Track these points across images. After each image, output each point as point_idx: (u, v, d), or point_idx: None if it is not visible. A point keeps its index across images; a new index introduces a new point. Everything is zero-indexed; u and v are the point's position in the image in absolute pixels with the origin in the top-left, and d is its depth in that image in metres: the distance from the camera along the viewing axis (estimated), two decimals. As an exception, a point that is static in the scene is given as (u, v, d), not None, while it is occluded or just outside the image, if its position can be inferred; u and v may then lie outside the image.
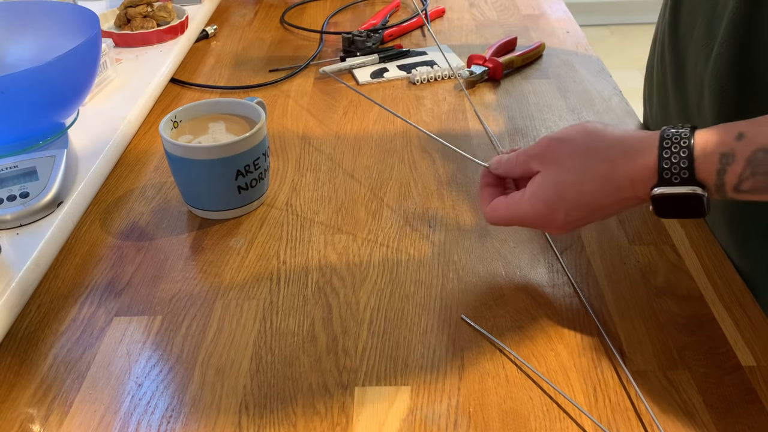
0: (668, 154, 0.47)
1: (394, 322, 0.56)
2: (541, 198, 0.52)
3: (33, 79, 0.66)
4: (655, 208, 0.49)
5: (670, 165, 0.47)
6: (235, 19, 1.17)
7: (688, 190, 0.47)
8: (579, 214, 0.52)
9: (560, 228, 0.53)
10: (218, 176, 0.65)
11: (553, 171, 0.52)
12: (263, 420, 0.48)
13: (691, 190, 0.47)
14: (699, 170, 0.46)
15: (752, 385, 0.50)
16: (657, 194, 0.48)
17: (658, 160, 0.47)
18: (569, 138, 0.52)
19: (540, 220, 0.53)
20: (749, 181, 0.45)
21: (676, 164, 0.47)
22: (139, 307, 0.58)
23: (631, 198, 0.50)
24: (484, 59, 0.93)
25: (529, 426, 0.47)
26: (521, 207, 0.53)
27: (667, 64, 0.73)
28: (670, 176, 0.47)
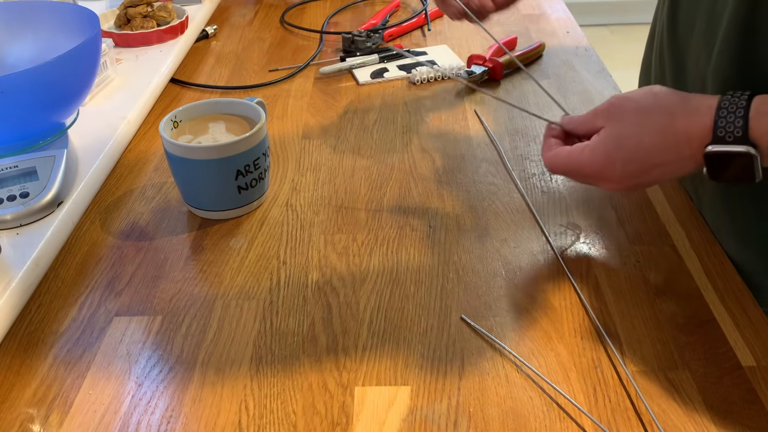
0: (724, 114, 0.48)
1: (394, 322, 0.56)
2: (601, 149, 0.54)
3: (33, 79, 0.66)
4: (708, 169, 0.50)
5: (725, 123, 0.48)
6: (235, 19, 1.17)
7: (740, 149, 0.48)
8: (636, 167, 0.53)
9: (617, 181, 0.54)
10: (218, 176, 0.65)
11: (616, 125, 0.53)
12: (263, 420, 0.48)
13: (744, 149, 0.48)
14: (752, 129, 0.47)
15: (752, 385, 0.50)
16: (709, 152, 0.49)
17: (715, 118, 0.48)
18: (634, 96, 0.54)
19: (597, 171, 0.54)
20: None
21: (730, 123, 0.48)
22: (139, 307, 0.58)
23: (689, 158, 0.51)
24: (484, 59, 0.93)
25: (529, 426, 0.47)
26: (582, 156, 0.55)
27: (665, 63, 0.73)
28: (724, 134, 0.48)
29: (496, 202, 0.69)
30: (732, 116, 0.48)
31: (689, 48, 0.67)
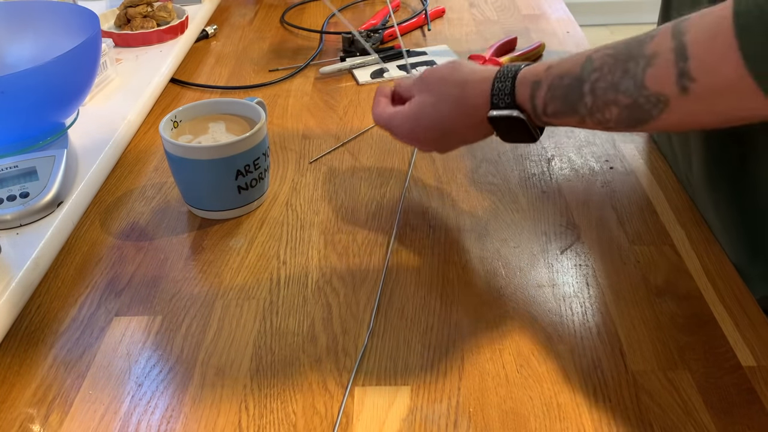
0: (498, 84, 0.56)
1: (394, 322, 0.56)
2: (407, 115, 0.61)
3: (33, 79, 0.66)
4: (496, 131, 0.58)
5: (498, 91, 0.56)
6: (235, 19, 1.17)
7: (510, 112, 0.55)
8: (436, 133, 0.60)
9: (424, 144, 0.63)
10: (218, 176, 0.65)
11: (422, 94, 0.61)
12: (263, 420, 0.48)
13: (513, 113, 0.55)
14: (518, 95, 0.55)
15: (752, 385, 0.50)
16: (490, 116, 0.56)
17: (491, 87, 0.56)
18: (439, 68, 0.61)
19: (407, 134, 0.62)
20: (551, 104, 0.53)
21: (502, 90, 0.55)
22: (139, 307, 0.58)
23: (479, 124, 0.58)
24: (484, 59, 0.93)
25: (529, 426, 0.47)
26: (396, 118, 0.62)
27: None
28: (498, 101, 0.56)
29: (496, 202, 0.69)
30: (503, 84, 0.55)
31: None
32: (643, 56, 0.46)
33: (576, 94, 0.51)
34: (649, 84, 0.46)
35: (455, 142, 0.63)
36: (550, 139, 0.79)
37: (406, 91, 0.64)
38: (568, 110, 0.52)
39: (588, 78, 0.50)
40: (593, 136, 0.80)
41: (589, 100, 0.50)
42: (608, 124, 0.50)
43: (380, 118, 0.64)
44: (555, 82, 0.52)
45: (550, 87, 0.53)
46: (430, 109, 0.60)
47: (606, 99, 0.49)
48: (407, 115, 0.61)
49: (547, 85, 0.53)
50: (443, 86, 0.59)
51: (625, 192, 0.70)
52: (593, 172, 0.73)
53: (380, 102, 0.65)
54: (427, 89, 0.60)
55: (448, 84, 0.59)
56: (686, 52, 0.44)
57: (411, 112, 0.61)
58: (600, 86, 0.49)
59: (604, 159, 0.75)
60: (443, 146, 0.64)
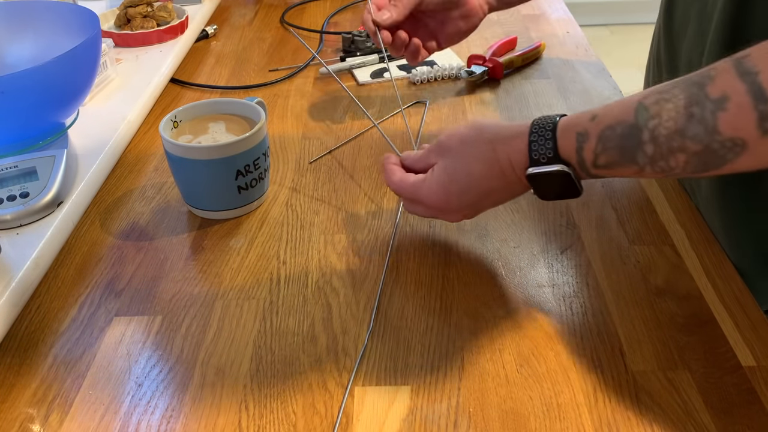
0: (536, 138, 0.52)
1: (394, 322, 0.56)
2: (436, 183, 0.57)
3: (33, 79, 0.66)
4: (534, 189, 0.55)
5: (538, 147, 0.52)
6: (235, 19, 1.17)
7: (555, 168, 0.52)
8: (471, 197, 0.56)
9: (456, 212, 0.58)
10: (218, 176, 0.65)
11: (446, 159, 0.57)
12: (263, 420, 0.48)
13: (558, 169, 0.52)
14: (561, 149, 0.52)
15: (752, 385, 0.50)
16: (529, 174, 0.53)
17: (528, 143, 0.53)
18: (459, 132, 0.58)
19: (436, 204, 0.58)
20: (603, 156, 0.50)
21: (542, 145, 0.52)
22: (139, 307, 0.58)
23: (516, 182, 0.55)
24: (484, 59, 0.93)
25: (529, 426, 0.47)
26: (422, 190, 0.58)
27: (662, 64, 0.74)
28: (539, 157, 0.52)
29: (496, 202, 0.69)
30: (542, 139, 0.52)
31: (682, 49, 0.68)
32: (709, 100, 0.44)
33: (633, 143, 0.48)
34: (724, 129, 0.43)
35: (488, 205, 0.58)
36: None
37: (420, 161, 0.60)
38: (624, 161, 0.49)
39: (646, 125, 0.47)
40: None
41: (650, 148, 0.47)
42: (673, 172, 0.47)
43: (402, 187, 0.59)
44: (606, 133, 0.49)
45: (600, 138, 0.49)
46: (460, 172, 0.56)
47: (671, 147, 0.46)
48: (436, 182, 0.57)
49: (596, 135, 0.50)
50: (470, 148, 0.56)
51: (625, 192, 0.70)
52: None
53: (394, 170, 0.61)
54: (451, 154, 0.57)
55: (475, 145, 0.56)
56: (765, 94, 0.41)
57: (439, 178, 0.57)
58: (662, 133, 0.46)
59: (604, 159, 0.75)
60: (475, 210, 0.59)
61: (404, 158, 0.62)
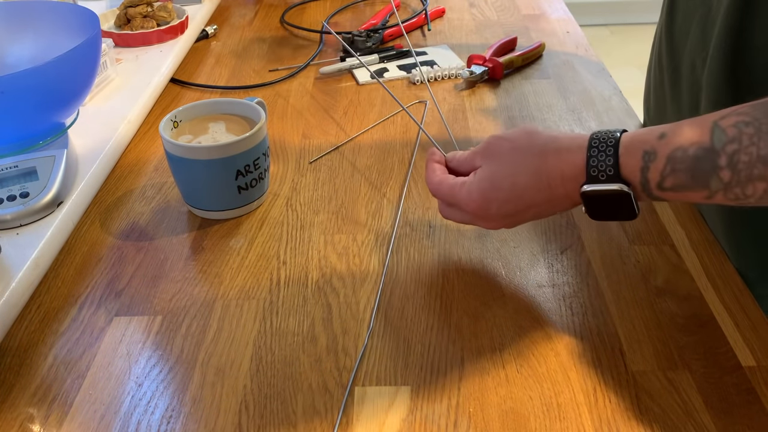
0: (595, 153, 0.49)
1: (394, 322, 0.56)
2: (477, 188, 0.54)
3: (33, 79, 0.66)
4: (587, 207, 0.51)
5: (597, 162, 0.49)
6: (235, 19, 1.17)
7: (614, 187, 0.48)
8: (511, 207, 0.53)
9: (493, 221, 0.55)
10: (218, 176, 0.65)
11: (492, 164, 0.54)
12: (263, 420, 0.48)
13: (618, 188, 0.48)
14: (624, 167, 0.48)
15: (752, 385, 0.50)
16: (585, 191, 0.50)
17: (587, 158, 0.49)
18: (509, 136, 0.55)
19: (474, 210, 0.55)
20: (670, 178, 0.46)
21: (602, 162, 0.48)
22: (139, 307, 0.58)
23: (563, 197, 0.52)
24: (484, 59, 0.93)
25: (529, 426, 0.47)
26: (461, 193, 0.55)
27: (664, 67, 0.74)
28: (597, 173, 0.49)
29: (496, 202, 0.69)
30: (603, 155, 0.49)
31: (684, 54, 0.68)
32: None
33: (708, 167, 0.45)
34: None
35: (528, 217, 0.55)
36: (550, 139, 0.79)
37: (465, 163, 0.57)
38: (695, 185, 0.46)
39: (723, 149, 0.44)
40: (593, 136, 0.80)
41: (726, 175, 0.44)
42: (747, 200, 0.45)
43: (441, 188, 0.57)
44: (677, 154, 0.46)
45: (669, 158, 0.46)
46: (504, 181, 0.53)
47: (751, 174, 0.43)
48: (477, 188, 0.54)
49: (665, 156, 0.46)
50: (518, 156, 0.53)
51: (625, 192, 0.70)
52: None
53: (436, 169, 0.59)
54: (497, 159, 0.54)
55: (524, 153, 0.53)
56: None
57: (481, 184, 0.54)
58: (742, 159, 0.43)
59: (604, 159, 0.75)
60: (515, 222, 0.56)
61: (450, 159, 0.60)
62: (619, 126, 0.82)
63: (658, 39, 0.76)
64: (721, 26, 0.59)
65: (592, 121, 0.83)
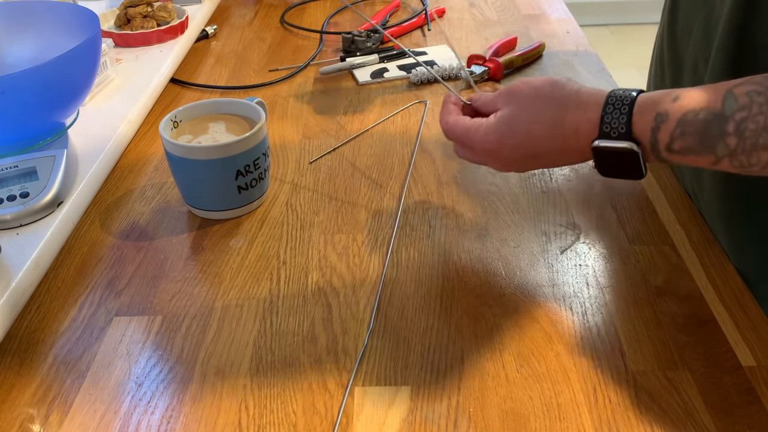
0: (610, 110, 0.50)
1: (394, 322, 0.56)
2: (494, 130, 0.55)
3: (33, 79, 0.66)
4: (596, 163, 0.52)
5: (611, 120, 0.50)
6: (235, 19, 1.17)
7: (624, 145, 0.50)
8: (524, 153, 0.55)
9: (502, 163, 0.57)
10: (218, 176, 0.65)
11: (512, 108, 0.55)
12: (263, 420, 0.48)
13: (627, 146, 0.49)
14: (636, 126, 0.49)
15: (752, 385, 0.50)
16: (596, 147, 0.51)
17: (601, 115, 0.50)
18: (534, 83, 0.55)
19: (486, 151, 0.56)
20: (679, 140, 0.47)
21: (615, 119, 0.50)
22: (139, 307, 0.58)
23: (575, 150, 0.53)
24: (484, 59, 0.93)
25: (529, 426, 0.47)
26: (479, 130, 0.56)
27: (665, 67, 0.74)
28: (609, 130, 0.50)
29: (496, 202, 0.69)
30: (617, 113, 0.50)
31: (687, 54, 0.68)
32: None
33: (716, 132, 0.45)
34: None
35: (540, 165, 0.57)
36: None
37: (489, 104, 0.58)
38: (702, 149, 0.47)
39: (732, 116, 0.45)
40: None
41: (732, 141, 0.45)
42: (751, 169, 0.45)
43: (455, 128, 0.58)
44: (688, 117, 0.47)
45: (680, 121, 0.47)
46: (522, 127, 0.54)
47: (756, 143, 0.44)
48: (494, 131, 0.55)
49: (677, 118, 0.47)
50: (539, 103, 0.54)
51: (625, 192, 0.70)
52: (593, 172, 0.73)
53: (452, 110, 0.60)
54: (519, 104, 0.55)
55: (545, 102, 0.53)
56: None
57: (498, 126, 0.55)
58: (749, 128, 0.44)
59: (604, 159, 0.75)
60: (525, 167, 0.58)
61: (475, 99, 0.60)
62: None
63: (660, 39, 0.76)
64: (724, 26, 0.59)
65: (592, 121, 0.83)
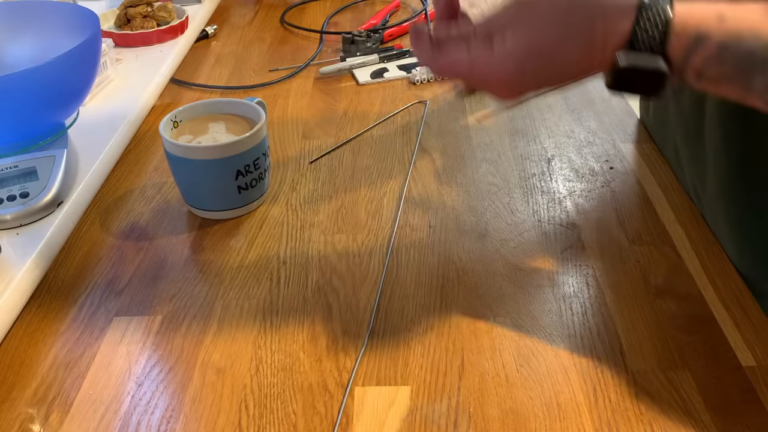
0: (646, 24, 0.42)
1: (394, 322, 0.56)
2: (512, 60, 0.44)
3: (33, 79, 0.66)
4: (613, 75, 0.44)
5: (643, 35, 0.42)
6: (235, 19, 1.17)
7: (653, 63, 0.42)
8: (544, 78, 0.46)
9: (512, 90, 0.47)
10: (218, 176, 0.65)
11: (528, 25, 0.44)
12: (263, 420, 0.48)
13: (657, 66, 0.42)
14: (670, 45, 0.42)
15: (752, 385, 0.50)
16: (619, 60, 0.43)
17: (633, 25, 0.42)
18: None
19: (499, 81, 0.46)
20: (715, 67, 0.42)
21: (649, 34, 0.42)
22: (139, 307, 0.58)
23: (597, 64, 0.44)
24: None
25: (529, 426, 0.47)
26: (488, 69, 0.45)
27: None
28: (639, 45, 0.42)
29: (496, 202, 0.69)
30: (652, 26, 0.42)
31: None
32: None
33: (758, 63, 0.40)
34: None
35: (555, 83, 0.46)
36: (549, 139, 0.79)
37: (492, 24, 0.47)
38: (736, 79, 0.42)
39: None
40: (593, 136, 0.80)
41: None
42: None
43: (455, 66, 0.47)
44: (731, 42, 0.41)
45: (720, 46, 0.41)
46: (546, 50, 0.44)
47: None
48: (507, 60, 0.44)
49: (716, 42, 0.41)
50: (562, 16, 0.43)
51: (625, 192, 0.70)
52: (593, 172, 0.73)
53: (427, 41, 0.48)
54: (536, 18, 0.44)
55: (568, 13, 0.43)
56: None
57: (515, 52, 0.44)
58: None
59: (604, 159, 0.75)
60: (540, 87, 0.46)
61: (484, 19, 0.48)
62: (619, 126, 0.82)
63: None
64: None
65: (592, 121, 0.83)
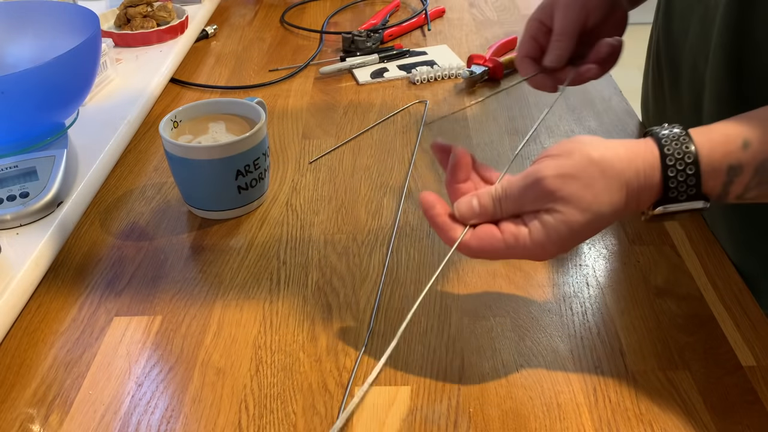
0: (674, 174, 0.44)
1: (394, 322, 0.56)
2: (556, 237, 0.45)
3: (33, 79, 0.66)
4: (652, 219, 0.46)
5: (678, 184, 0.44)
6: (235, 19, 1.17)
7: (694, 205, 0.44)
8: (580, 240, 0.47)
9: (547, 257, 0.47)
10: (218, 176, 0.65)
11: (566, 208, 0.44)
12: (263, 420, 0.48)
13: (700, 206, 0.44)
14: (706, 185, 0.44)
15: (752, 385, 0.50)
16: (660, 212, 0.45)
17: (663, 180, 0.44)
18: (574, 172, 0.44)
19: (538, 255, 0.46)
20: (755, 190, 0.44)
21: (683, 182, 0.44)
22: (139, 307, 0.58)
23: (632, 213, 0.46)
24: (484, 59, 0.93)
25: (529, 426, 0.47)
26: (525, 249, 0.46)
27: (663, 68, 0.74)
28: (677, 195, 0.44)
29: (496, 202, 0.69)
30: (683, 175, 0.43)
31: (684, 53, 0.68)
32: None
33: None
34: None
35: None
36: (550, 139, 0.79)
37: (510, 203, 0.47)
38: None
39: None
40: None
41: None
42: None
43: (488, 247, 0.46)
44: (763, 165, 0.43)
45: (757, 170, 0.43)
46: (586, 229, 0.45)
47: None
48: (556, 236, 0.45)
49: (753, 168, 0.43)
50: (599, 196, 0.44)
51: (625, 192, 0.70)
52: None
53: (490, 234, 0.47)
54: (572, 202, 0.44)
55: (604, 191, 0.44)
56: None
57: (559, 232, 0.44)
58: None
59: (604, 159, 0.75)
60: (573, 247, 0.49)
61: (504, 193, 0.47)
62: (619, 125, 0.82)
63: (655, 40, 0.76)
64: (720, 23, 0.59)
65: (592, 121, 0.83)
